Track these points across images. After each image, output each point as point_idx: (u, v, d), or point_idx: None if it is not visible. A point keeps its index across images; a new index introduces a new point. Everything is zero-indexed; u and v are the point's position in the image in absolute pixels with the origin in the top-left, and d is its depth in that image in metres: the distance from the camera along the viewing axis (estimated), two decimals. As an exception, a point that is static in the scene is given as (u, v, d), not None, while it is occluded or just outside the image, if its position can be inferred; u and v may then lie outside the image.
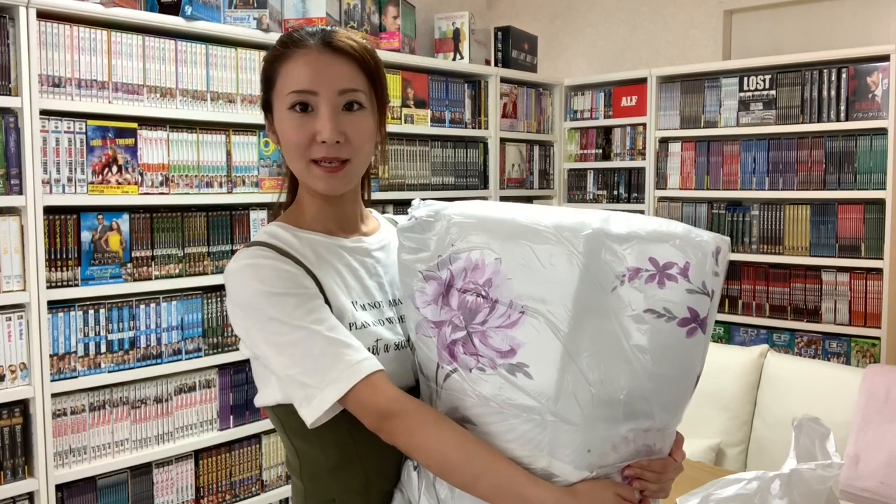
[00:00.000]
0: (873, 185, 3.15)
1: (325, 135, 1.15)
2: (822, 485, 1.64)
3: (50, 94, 2.25)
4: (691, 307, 1.02)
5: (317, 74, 1.16)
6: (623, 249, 1.03)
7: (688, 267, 1.02)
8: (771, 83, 3.41)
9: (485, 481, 1.04)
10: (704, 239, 1.04)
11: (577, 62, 4.29)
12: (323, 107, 1.16)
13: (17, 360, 2.20)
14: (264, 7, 2.74)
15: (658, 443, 1.08)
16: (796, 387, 2.97)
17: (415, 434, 1.07)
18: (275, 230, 1.22)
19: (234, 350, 2.69)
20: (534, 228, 1.06)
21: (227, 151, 2.65)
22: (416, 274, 1.14)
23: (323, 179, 1.18)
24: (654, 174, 3.78)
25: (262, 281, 1.12)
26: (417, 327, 1.15)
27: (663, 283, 1.02)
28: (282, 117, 1.19)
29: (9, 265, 2.18)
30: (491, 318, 1.06)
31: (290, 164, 1.22)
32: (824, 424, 1.74)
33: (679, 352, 1.03)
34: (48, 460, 2.24)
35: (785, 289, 3.40)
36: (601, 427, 1.02)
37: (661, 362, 1.02)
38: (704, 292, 1.02)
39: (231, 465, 2.72)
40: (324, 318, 1.12)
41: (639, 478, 1.08)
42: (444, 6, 4.05)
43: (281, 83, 1.19)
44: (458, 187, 3.57)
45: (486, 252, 1.08)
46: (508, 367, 1.05)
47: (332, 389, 1.08)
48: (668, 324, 1.02)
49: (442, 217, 1.14)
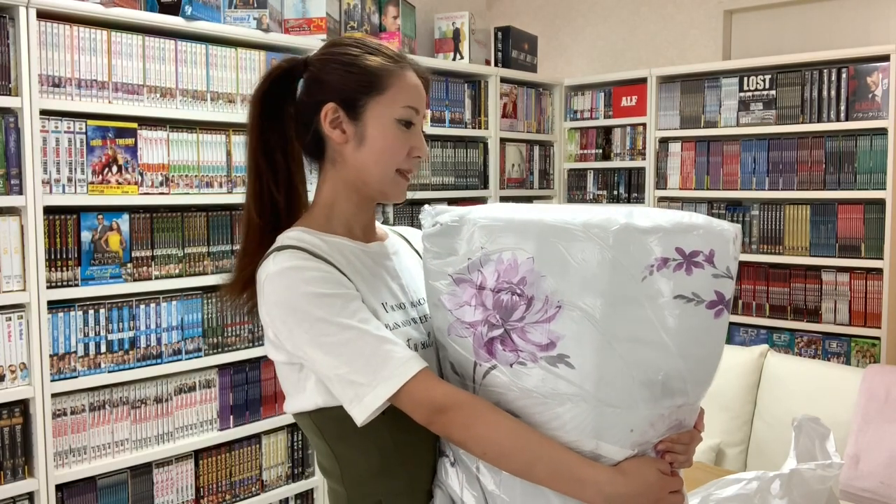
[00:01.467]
0: (873, 185, 3.15)
1: (424, 152, 1.27)
2: (822, 485, 1.64)
3: (50, 94, 2.25)
4: (717, 290, 1.09)
5: (421, 96, 1.27)
6: (650, 241, 1.08)
7: (713, 254, 1.09)
8: (771, 83, 3.41)
9: (541, 466, 1.09)
10: (725, 227, 1.12)
11: (577, 62, 4.29)
12: (419, 125, 1.27)
13: (17, 360, 2.20)
14: (264, 7, 2.74)
15: (688, 417, 1.16)
16: (796, 387, 2.97)
17: (470, 426, 1.10)
18: (301, 235, 1.22)
19: (234, 350, 2.69)
20: (563, 227, 1.11)
21: (227, 151, 2.66)
22: (446, 277, 1.18)
23: (402, 189, 1.27)
24: (654, 174, 3.78)
25: (306, 282, 1.14)
26: (449, 329, 1.18)
27: (691, 270, 1.08)
28: (384, 125, 1.23)
29: (9, 265, 2.18)
30: (528, 314, 1.11)
31: (374, 168, 1.24)
32: (824, 424, 1.74)
33: (708, 332, 1.10)
34: (48, 460, 2.24)
35: (785, 289, 3.39)
36: (642, 407, 1.09)
37: (693, 343, 1.09)
38: (728, 276, 1.10)
39: (231, 465, 2.72)
40: (369, 318, 1.15)
41: (670, 451, 1.14)
42: (444, 6, 4.05)
43: (394, 93, 1.24)
44: (458, 187, 3.57)
45: (518, 252, 1.12)
46: (549, 360, 1.10)
47: (384, 387, 1.11)
48: (698, 307, 1.08)
49: (467, 221, 1.18)
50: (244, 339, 2.72)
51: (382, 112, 1.23)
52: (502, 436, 1.10)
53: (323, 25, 2.95)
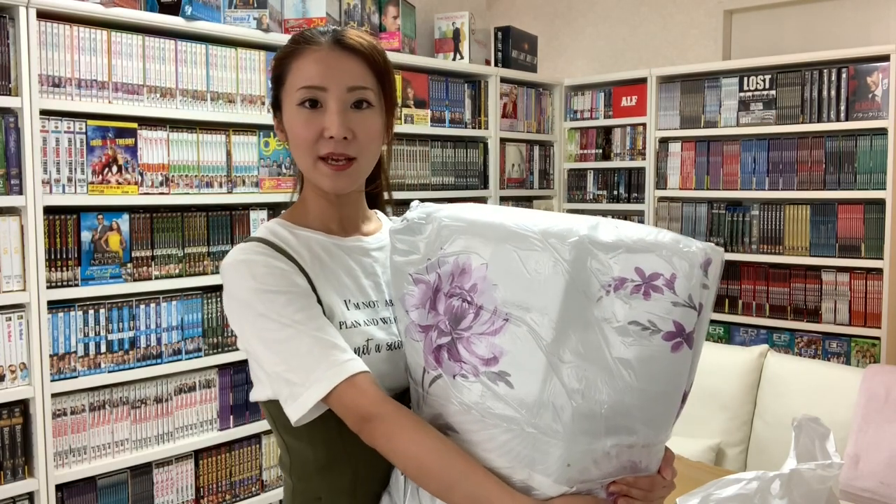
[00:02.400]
0: (873, 185, 3.15)
1: (333, 130, 1.16)
2: (822, 485, 1.64)
3: (50, 94, 2.25)
4: (677, 321, 0.99)
5: (327, 70, 1.17)
6: (609, 258, 1.01)
7: (674, 278, 0.99)
8: (771, 83, 3.41)
9: (459, 490, 1.03)
10: (692, 250, 1.01)
11: (577, 62, 4.29)
12: (331, 103, 1.17)
13: (17, 360, 2.20)
14: (264, 7, 2.73)
15: (644, 460, 1.04)
16: (796, 387, 2.97)
17: (393, 438, 1.07)
18: (273, 227, 1.23)
19: (234, 350, 2.69)
20: (522, 234, 1.05)
21: (227, 151, 2.65)
22: (406, 276, 1.13)
23: (329, 177, 1.19)
24: (654, 174, 3.78)
25: (253, 277, 1.13)
26: (406, 330, 1.15)
27: (648, 294, 0.99)
28: (291, 113, 1.20)
29: (9, 265, 2.18)
30: (475, 324, 1.05)
31: (298, 162, 1.22)
32: (824, 424, 1.74)
33: (663, 367, 1.00)
34: (48, 460, 2.24)
35: (785, 289, 3.39)
36: (582, 441, 1.00)
37: (644, 377, 0.99)
38: (691, 305, 1.00)
39: (231, 465, 2.72)
40: (313, 317, 1.13)
41: (625, 495, 1.05)
42: (444, 6, 4.05)
43: (291, 79, 1.20)
44: (458, 187, 3.57)
45: (474, 256, 1.07)
46: (490, 376, 1.03)
47: (315, 388, 1.08)
48: (653, 337, 0.99)
49: (433, 219, 1.13)
50: (244, 339, 2.72)
51: (288, 102, 1.20)
52: (424, 452, 1.05)
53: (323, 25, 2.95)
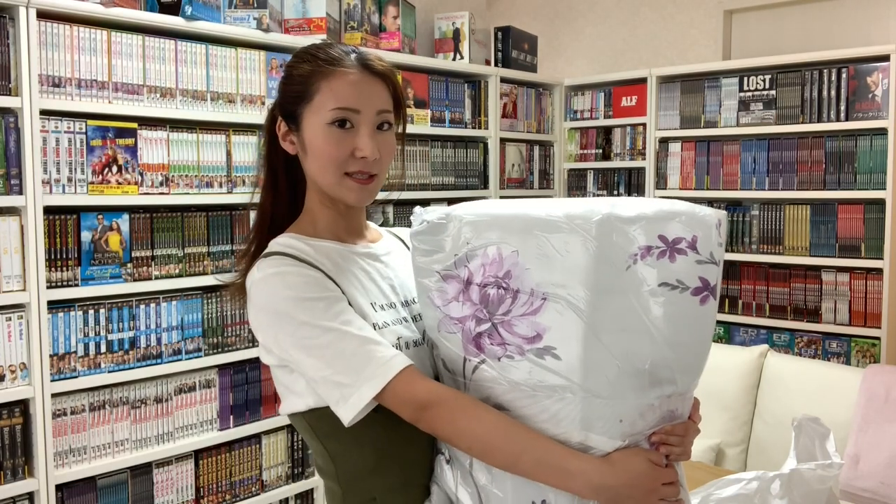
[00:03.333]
0: (873, 185, 3.15)
1: (368, 152, 1.22)
2: (822, 485, 1.64)
3: (50, 94, 2.25)
4: (702, 276, 1.10)
5: (360, 94, 1.23)
6: (633, 230, 1.09)
7: (696, 240, 1.09)
8: (771, 83, 3.41)
9: (527, 458, 1.09)
10: (708, 213, 1.12)
11: (577, 62, 4.29)
12: (364, 125, 1.23)
13: (17, 360, 2.20)
14: (264, 7, 2.74)
15: (680, 407, 1.15)
16: (796, 387, 2.97)
17: (455, 420, 1.12)
18: (288, 241, 1.26)
19: (234, 350, 2.69)
20: (546, 219, 1.12)
21: (227, 151, 2.65)
22: (434, 275, 1.19)
23: (355, 191, 1.24)
24: (654, 174, 3.78)
25: (289, 287, 1.17)
26: (440, 325, 1.19)
27: (674, 257, 1.09)
28: (317, 131, 1.23)
29: (9, 265, 2.18)
30: (514, 307, 1.12)
31: (321, 176, 1.25)
32: (824, 424, 1.74)
33: (694, 319, 1.10)
34: (48, 460, 2.24)
35: (785, 289, 3.39)
36: (630, 397, 1.09)
37: (679, 330, 1.09)
38: (713, 262, 1.10)
39: (231, 465, 2.72)
40: (352, 319, 1.16)
41: (665, 443, 1.13)
42: (444, 6, 4.05)
43: (321, 99, 1.23)
44: (458, 187, 3.57)
45: (503, 246, 1.13)
46: (536, 352, 1.10)
47: (368, 386, 1.12)
48: (683, 294, 1.09)
49: (453, 218, 1.19)
50: (244, 339, 2.72)
51: (315, 119, 1.23)
52: (486, 429, 1.10)
53: (323, 25, 2.95)
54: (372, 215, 3.14)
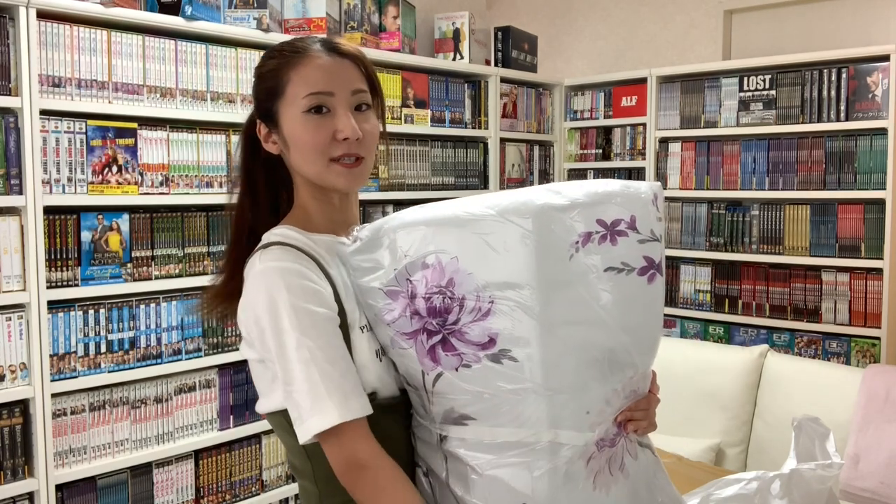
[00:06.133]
0: (873, 185, 3.15)
1: (348, 132, 1.19)
2: (822, 485, 1.64)
3: (50, 94, 2.25)
4: (646, 255, 1.10)
5: (331, 76, 1.21)
6: (570, 218, 1.08)
7: (634, 220, 1.10)
8: (771, 83, 3.41)
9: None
10: (642, 190, 1.13)
11: (577, 62, 4.29)
12: (340, 107, 1.21)
13: (17, 360, 2.20)
14: (264, 7, 2.74)
15: (641, 386, 1.17)
16: (796, 387, 2.97)
17: (380, 493, 1.10)
18: (286, 232, 1.24)
19: (234, 350, 2.69)
20: (480, 218, 1.09)
21: (227, 151, 2.66)
22: (377, 293, 1.15)
23: (344, 176, 1.22)
24: (654, 174, 3.78)
25: (287, 289, 1.14)
26: (392, 343, 1.16)
27: (615, 240, 1.08)
28: (295, 121, 1.22)
29: (9, 265, 2.18)
30: (462, 315, 1.08)
31: (306, 166, 1.24)
32: (824, 424, 1.74)
33: (645, 299, 1.11)
34: (48, 460, 2.24)
35: (785, 289, 3.39)
36: (593, 387, 1.09)
37: (632, 313, 1.10)
38: (654, 238, 1.11)
39: (231, 465, 2.72)
40: (333, 345, 1.14)
41: (630, 419, 1.15)
42: (444, 6, 4.05)
43: (293, 89, 1.22)
44: (458, 187, 3.57)
45: (441, 255, 1.10)
46: (492, 357, 1.07)
47: (320, 419, 1.10)
48: (630, 276, 1.09)
49: (385, 231, 1.15)
50: (244, 339, 2.72)
51: (290, 111, 1.22)
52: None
53: (323, 25, 2.95)
54: (371, 215, 3.14)
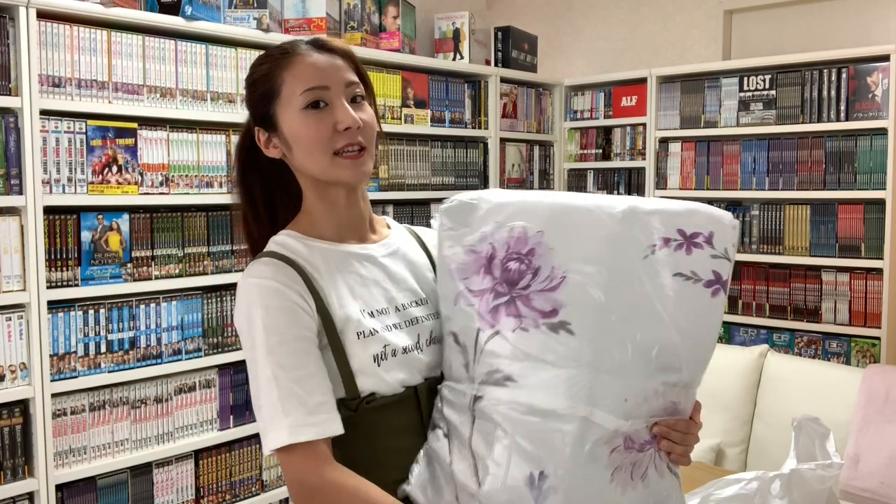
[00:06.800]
0: (873, 185, 3.15)
1: (349, 121, 1.21)
2: (822, 485, 1.64)
3: (50, 94, 2.25)
4: (715, 270, 1.16)
5: (324, 71, 1.23)
6: (653, 221, 1.17)
7: (712, 236, 1.16)
8: (771, 83, 3.41)
9: None
10: (726, 215, 1.21)
11: (577, 62, 4.29)
12: (336, 99, 1.23)
13: (17, 360, 2.20)
14: (264, 7, 2.74)
15: (682, 401, 1.17)
16: (796, 387, 2.97)
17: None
18: (284, 240, 1.26)
19: (234, 350, 2.69)
20: (572, 206, 1.19)
21: (227, 151, 2.66)
22: (458, 249, 1.23)
23: (349, 167, 1.23)
24: (654, 174, 3.78)
25: (262, 306, 1.16)
26: (457, 298, 1.21)
27: (690, 250, 1.15)
28: (294, 120, 1.23)
29: (9, 265, 2.18)
30: (534, 283, 1.16)
31: (311, 163, 1.24)
32: (824, 424, 1.74)
33: (704, 309, 1.15)
34: (48, 460, 2.24)
35: (785, 289, 3.39)
36: (636, 378, 1.12)
37: (688, 318, 1.14)
38: (726, 258, 1.17)
39: (231, 465, 2.72)
40: (300, 364, 1.15)
41: (666, 437, 1.15)
42: (444, 6, 4.05)
43: (288, 88, 1.23)
44: (458, 187, 3.56)
45: (528, 227, 1.19)
46: (551, 326, 1.13)
47: (277, 436, 1.13)
48: (695, 285, 1.15)
49: (483, 200, 1.25)
50: (244, 339, 2.72)
51: (287, 111, 1.24)
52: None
53: (323, 25, 2.95)
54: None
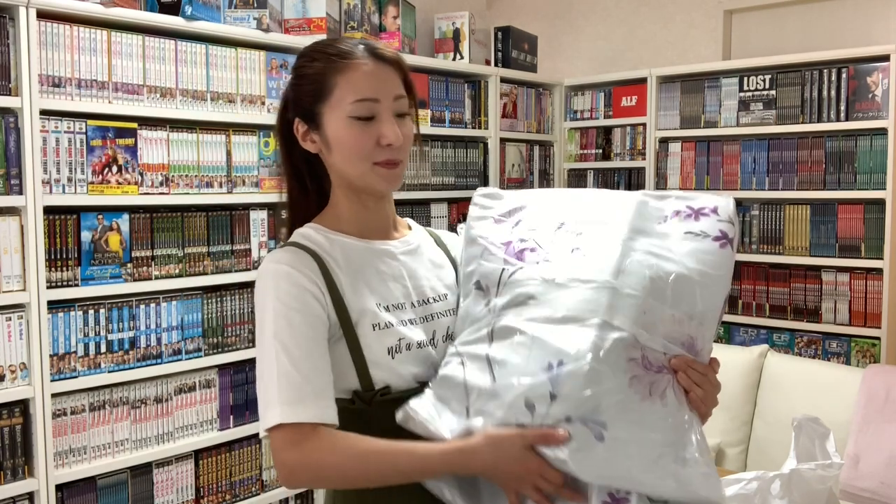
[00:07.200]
0: (873, 185, 3.15)
1: (393, 138, 1.25)
2: (822, 485, 1.64)
3: (50, 94, 2.25)
4: (722, 230, 1.30)
5: (377, 83, 1.26)
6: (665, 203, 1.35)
7: (716, 208, 1.32)
8: (771, 83, 3.41)
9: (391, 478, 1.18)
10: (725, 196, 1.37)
11: (577, 62, 4.29)
12: (384, 113, 1.26)
13: (17, 360, 2.20)
14: (264, 7, 2.74)
15: (699, 340, 1.25)
16: (796, 387, 2.97)
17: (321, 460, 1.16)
18: (307, 231, 1.30)
19: (234, 350, 2.69)
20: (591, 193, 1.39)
21: (227, 151, 2.65)
22: (487, 221, 1.38)
23: (385, 178, 1.28)
24: (654, 174, 3.78)
25: (276, 291, 1.21)
26: (483, 253, 1.33)
27: (698, 217, 1.31)
28: (340, 125, 1.26)
29: (9, 265, 2.18)
30: (556, 235, 1.31)
31: (348, 168, 1.28)
32: (824, 424, 1.74)
33: (714, 257, 1.27)
34: (48, 460, 2.24)
35: (785, 289, 3.39)
36: (654, 300, 1.22)
37: (700, 261, 1.26)
38: (731, 222, 1.32)
39: (231, 465, 2.72)
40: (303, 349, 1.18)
41: (685, 371, 1.19)
42: (444, 6, 4.05)
43: (339, 93, 1.25)
44: (458, 187, 3.57)
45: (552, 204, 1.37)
46: (573, 255, 1.27)
47: (268, 417, 1.17)
48: (704, 239, 1.29)
49: (512, 193, 1.43)
50: (244, 339, 2.72)
51: (335, 114, 1.26)
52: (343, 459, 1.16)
53: (323, 25, 2.95)
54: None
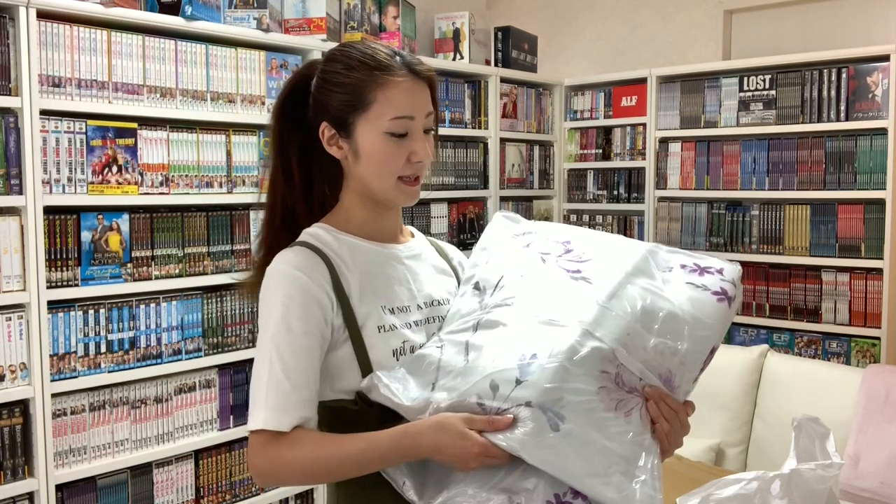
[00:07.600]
0: (873, 185, 3.15)
1: (423, 156, 1.28)
2: (822, 485, 1.64)
3: (50, 94, 2.25)
4: (723, 287, 1.32)
5: (414, 101, 1.28)
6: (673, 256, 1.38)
7: (722, 269, 1.35)
8: (771, 83, 3.41)
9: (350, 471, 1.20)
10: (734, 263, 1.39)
11: (577, 62, 4.29)
12: (417, 130, 1.28)
13: (17, 360, 2.20)
14: (264, 7, 2.74)
15: (678, 377, 1.25)
16: (796, 387, 2.97)
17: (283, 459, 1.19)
18: (316, 231, 1.31)
19: (234, 350, 2.69)
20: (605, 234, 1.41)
21: (227, 151, 2.65)
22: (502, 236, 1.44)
23: (408, 193, 1.31)
24: (654, 174, 3.78)
25: (279, 293, 1.22)
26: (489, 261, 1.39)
27: (703, 274, 1.34)
28: (374, 139, 1.26)
29: (9, 265, 2.18)
30: (565, 256, 1.35)
31: (374, 181, 1.29)
32: (824, 424, 1.74)
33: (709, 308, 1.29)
34: (48, 460, 2.24)
35: (785, 289, 3.39)
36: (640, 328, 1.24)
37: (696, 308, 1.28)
38: (734, 283, 1.34)
39: (231, 465, 2.72)
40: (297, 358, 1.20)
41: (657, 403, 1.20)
42: (444, 6, 4.05)
43: (378, 108, 1.25)
44: (458, 187, 3.57)
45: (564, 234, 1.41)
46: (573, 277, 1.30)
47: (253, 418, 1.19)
48: (705, 292, 1.31)
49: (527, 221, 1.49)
50: (244, 339, 2.72)
51: (370, 127, 1.26)
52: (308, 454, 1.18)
53: (323, 25, 2.95)
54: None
